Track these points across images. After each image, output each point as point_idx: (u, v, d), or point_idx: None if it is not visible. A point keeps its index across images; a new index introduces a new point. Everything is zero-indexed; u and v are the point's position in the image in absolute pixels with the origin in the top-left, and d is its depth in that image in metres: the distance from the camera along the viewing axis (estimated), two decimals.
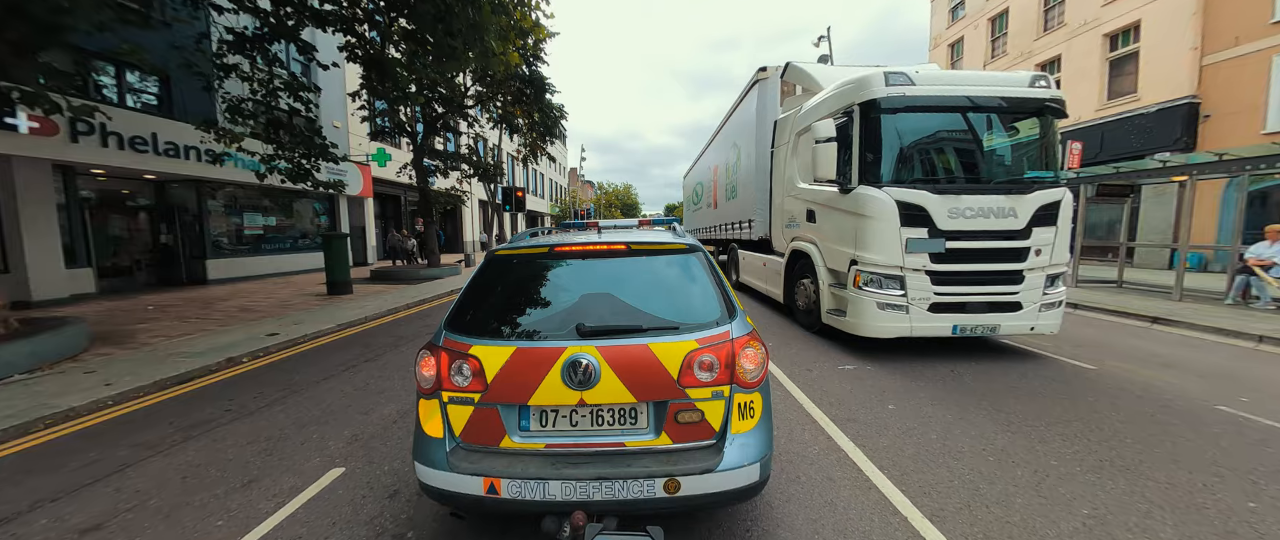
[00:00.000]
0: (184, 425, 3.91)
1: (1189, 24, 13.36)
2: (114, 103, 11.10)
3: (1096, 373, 4.85)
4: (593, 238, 2.58)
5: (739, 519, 2.46)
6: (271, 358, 6.01)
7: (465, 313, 2.29)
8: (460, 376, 2.06)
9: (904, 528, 2.39)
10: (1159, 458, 3.07)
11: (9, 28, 5.18)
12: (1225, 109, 12.76)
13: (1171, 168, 9.05)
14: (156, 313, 8.84)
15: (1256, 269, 7.71)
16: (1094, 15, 16.08)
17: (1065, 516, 2.46)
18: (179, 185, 13.24)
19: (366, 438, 3.56)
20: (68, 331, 5.85)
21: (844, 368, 5.05)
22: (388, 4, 10.34)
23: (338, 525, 2.50)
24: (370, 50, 11.69)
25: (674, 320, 2.16)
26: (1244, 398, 4.13)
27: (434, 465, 1.99)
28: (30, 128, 9.13)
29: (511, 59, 11.16)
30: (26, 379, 4.93)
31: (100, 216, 11.94)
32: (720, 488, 1.91)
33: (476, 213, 31.55)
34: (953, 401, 4.06)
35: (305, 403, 4.36)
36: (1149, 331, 6.86)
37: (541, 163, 36.86)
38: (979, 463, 3.02)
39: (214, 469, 3.16)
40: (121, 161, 10.75)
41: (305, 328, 7.29)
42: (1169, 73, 13.86)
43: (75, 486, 2.98)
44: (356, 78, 13.24)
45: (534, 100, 16.68)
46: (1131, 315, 7.57)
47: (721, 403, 2.03)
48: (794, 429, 3.56)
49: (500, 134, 20.22)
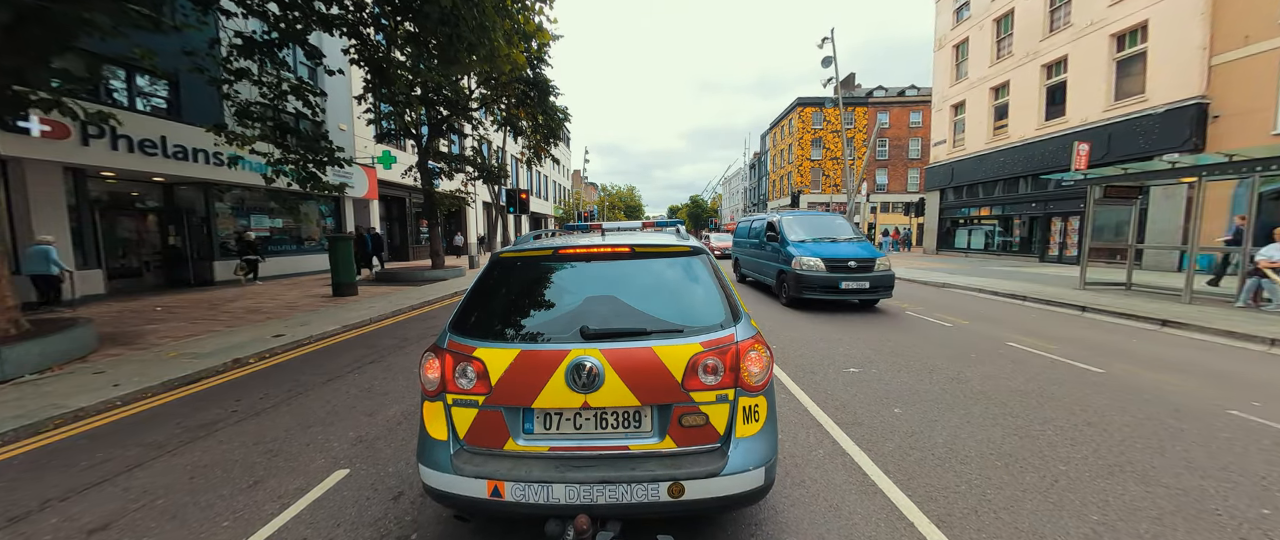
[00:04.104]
0: (191, 426, 3.94)
1: (1197, 23, 13.24)
2: (124, 106, 11.24)
3: (1105, 376, 4.80)
4: (596, 240, 2.58)
5: (744, 523, 2.45)
6: (278, 359, 6.04)
7: (470, 315, 2.30)
8: (465, 379, 2.06)
9: (910, 533, 2.37)
10: (1170, 463, 3.03)
11: (27, 32, 5.25)
12: (1235, 109, 12.62)
13: (1181, 169, 8.95)
14: (164, 314, 8.92)
15: (1268, 271, 7.61)
16: (1101, 15, 15.97)
17: (1074, 523, 2.43)
18: (187, 187, 13.37)
19: (371, 439, 3.57)
20: (77, 332, 5.91)
21: (849, 371, 5.03)
22: (393, 8, 10.42)
23: (342, 527, 2.51)
24: (375, 53, 11.78)
25: (678, 323, 2.15)
26: (1257, 402, 4.07)
27: (438, 467, 1.99)
28: (42, 131, 9.26)
29: (517, 60, 11.20)
30: (36, 379, 4.98)
31: (109, 218, 12.07)
32: (725, 492, 1.90)
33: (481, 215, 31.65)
34: (959, 405, 4.02)
35: (311, 404, 4.38)
36: (1158, 334, 6.78)
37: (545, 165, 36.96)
38: (986, 467, 2.99)
39: (220, 469, 3.18)
40: (131, 164, 10.88)
41: (311, 329, 7.33)
42: (1177, 73, 13.73)
43: (84, 486, 3.00)
44: (362, 81, 13.34)
45: (538, 103, 16.75)
46: (1140, 318, 7.49)
47: (726, 406, 2.02)
48: (799, 432, 3.55)
49: (504, 136, 20.30)
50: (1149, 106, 14.50)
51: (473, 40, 9.09)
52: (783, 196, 49.72)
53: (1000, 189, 21.08)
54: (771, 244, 10.02)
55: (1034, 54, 18.78)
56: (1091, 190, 10.52)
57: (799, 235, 9.48)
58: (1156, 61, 14.41)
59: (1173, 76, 13.86)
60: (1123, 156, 14.49)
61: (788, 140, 51.99)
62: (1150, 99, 14.53)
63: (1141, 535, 2.33)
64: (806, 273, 8.45)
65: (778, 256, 9.58)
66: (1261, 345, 5.91)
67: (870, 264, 8.38)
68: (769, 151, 60.10)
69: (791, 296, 8.88)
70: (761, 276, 11.12)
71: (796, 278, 8.53)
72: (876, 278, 8.31)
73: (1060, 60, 17.74)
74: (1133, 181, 10.08)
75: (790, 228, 9.75)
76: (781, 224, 9.91)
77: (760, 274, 11.21)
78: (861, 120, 46.26)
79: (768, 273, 10.37)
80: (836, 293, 8.22)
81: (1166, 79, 14.07)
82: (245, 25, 10.48)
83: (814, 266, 8.46)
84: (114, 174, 11.48)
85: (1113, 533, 2.35)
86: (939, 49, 24.98)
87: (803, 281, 8.42)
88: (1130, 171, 9.91)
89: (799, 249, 8.96)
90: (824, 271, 8.35)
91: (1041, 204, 18.81)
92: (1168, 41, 14.05)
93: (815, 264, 8.47)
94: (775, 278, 9.73)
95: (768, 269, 10.37)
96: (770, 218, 10.71)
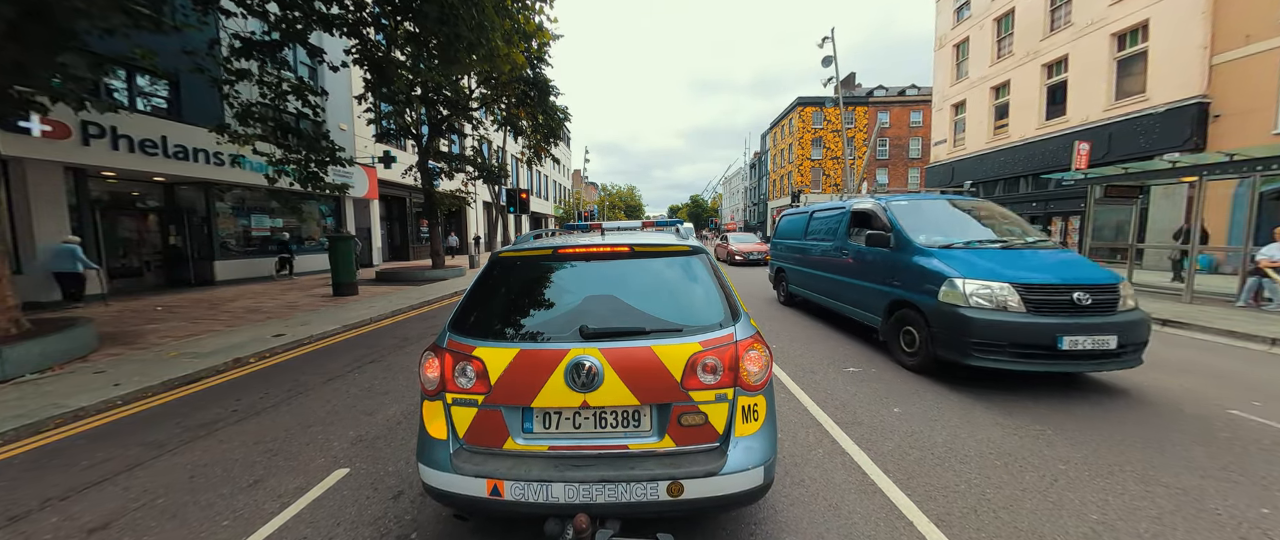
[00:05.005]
0: (191, 425, 3.94)
1: (1198, 23, 13.22)
2: (125, 106, 11.25)
3: (1105, 375, 4.79)
4: (596, 239, 2.58)
5: (743, 523, 2.45)
6: (278, 358, 6.05)
7: (469, 314, 2.30)
8: (464, 378, 2.06)
9: (909, 532, 2.37)
10: (1170, 462, 3.03)
11: (30, 31, 5.26)
12: (1236, 109, 12.61)
13: (1181, 168, 8.94)
14: (165, 313, 8.92)
15: (1269, 270, 7.60)
16: (1101, 15, 15.95)
17: (1074, 522, 2.43)
18: (188, 187, 13.38)
19: (371, 439, 3.58)
20: (77, 332, 5.91)
21: (849, 370, 5.02)
22: (393, 7, 10.42)
23: (342, 526, 2.51)
24: (376, 52, 11.78)
25: (677, 322, 2.15)
26: (1257, 402, 4.07)
27: (438, 466, 1.99)
28: (42, 131, 9.26)
29: (516, 59, 11.20)
30: (37, 379, 4.99)
31: (110, 218, 12.09)
32: (724, 491, 1.90)
33: (481, 215, 31.66)
34: (958, 405, 4.02)
35: (311, 403, 4.38)
36: (1159, 334, 6.78)
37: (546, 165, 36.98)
38: (985, 467, 2.99)
39: (220, 469, 3.19)
40: (132, 164, 10.89)
41: (311, 329, 7.34)
42: (1178, 72, 13.71)
43: (84, 485, 3.01)
44: (362, 81, 13.34)
45: (538, 102, 16.75)
46: None
47: (725, 405, 2.03)
48: (798, 432, 3.55)
49: (504, 136, 20.31)
50: (1149, 106, 14.49)
51: (472, 40, 9.09)
52: (783, 196, 49.70)
53: (1000, 188, 21.06)
54: (873, 251, 5.71)
55: (1034, 53, 18.76)
56: (1092, 190, 10.51)
57: (937, 237, 5.19)
58: (1157, 61, 14.40)
59: (1173, 76, 13.85)
60: (1123, 156, 14.47)
61: (788, 140, 51.97)
62: (1151, 98, 14.52)
63: (1141, 535, 2.33)
64: (987, 315, 4.20)
65: (889, 273, 5.42)
66: (1262, 345, 5.91)
67: (1111, 298, 4.28)
68: (769, 151, 60.08)
69: (943, 352, 4.51)
70: (836, 303, 6.79)
71: (957, 321, 4.31)
72: (1124, 324, 4.14)
73: (1061, 60, 17.72)
74: (1133, 181, 10.07)
75: (914, 220, 5.51)
76: (894, 215, 5.62)
77: (832, 298, 6.92)
78: (862, 120, 46.28)
79: (856, 298, 6.17)
80: (1051, 357, 4.06)
81: (1167, 78, 14.06)
82: (245, 25, 10.48)
83: (1000, 301, 4.23)
84: (114, 174, 11.49)
85: (1112, 532, 2.35)
86: (939, 48, 24.95)
87: (974, 329, 4.19)
88: (1131, 171, 9.91)
89: (952, 263, 4.68)
90: (1023, 314, 4.16)
91: (1042, 203, 18.81)
92: (1168, 41, 14.03)
93: (1003, 296, 4.23)
94: (884, 312, 5.43)
95: (855, 293, 6.17)
96: (860, 204, 6.37)
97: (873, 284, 5.74)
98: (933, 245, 5.05)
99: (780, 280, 9.44)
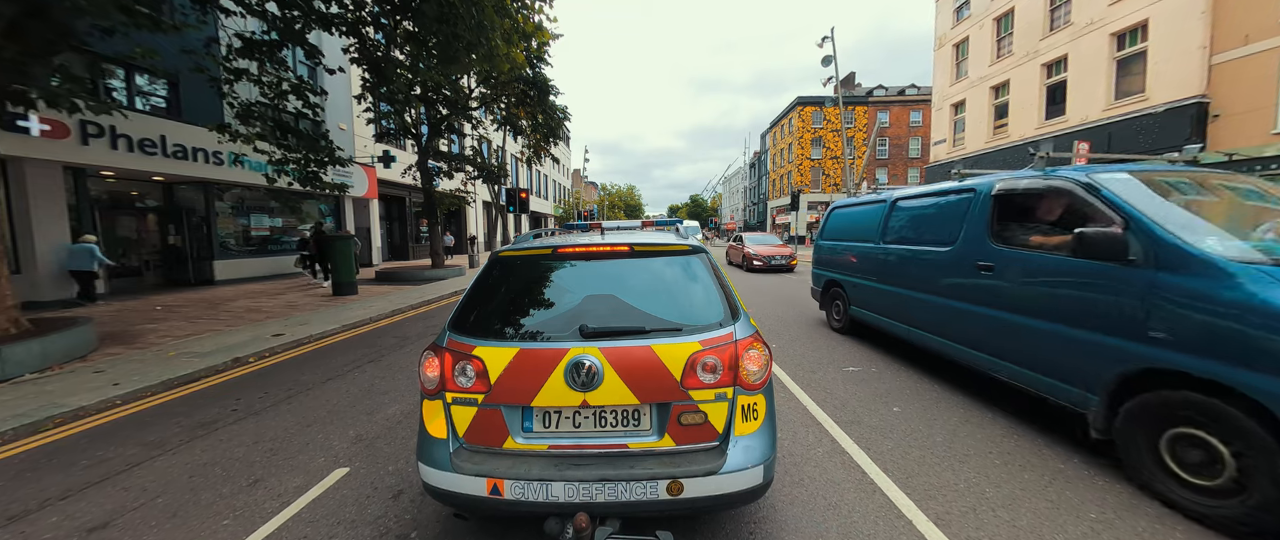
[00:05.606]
0: (191, 425, 3.94)
1: (1197, 23, 13.23)
2: (123, 107, 11.23)
3: None
4: (596, 239, 2.58)
5: (742, 522, 2.45)
6: (277, 358, 6.05)
7: (469, 314, 2.30)
8: (464, 377, 2.06)
9: (909, 531, 2.38)
10: None
11: (29, 30, 5.25)
12: (1235, 109, 12.62)
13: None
14: (164, 313, 8.92)
15: None
16: (1101, 14, 15.95)
17: (1073, 520, 2.43)
18: (187, 187, 13.36)
19: (371, 438, 3.58)
20: (77, 332, 5.91)
21: (848, 369, 5.03)
22: (392, 7, 10.41)
23: (342, 525, 2.51)
24: (375, 52, 11.78)
25: (677, 322, 2.16)
26: None
27: (437, 466, 1.99)
28: (41, 130, 9.25)
29: (516, 59, 11.20)
30: (37, 378, 4.99)
31: (110, 218, 12.09)
32: (723, 490, 1.91)
33: (481, 214, 31.67)
34: (958, 404, 4.03)
35: (310, 403, 4.38)
36: None
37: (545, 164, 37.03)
38: (985, 466, 3.00)
39: (220, 468, 3.19)
40: (131, 164, 10.87)
41: (311, 328, 7.33)
42: (1177, 72, 13.73)
43: (84, 485, 3.01)
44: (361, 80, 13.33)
45: (537, 102, 16.75)
46: None
47: (725, 404, 2.03)
48: (798, 431, 3.55)
49: (504, 136, 20.30)
50: (1149, 106, 14.50)
51: (471, 39, 9.09)
52: (783, 196, 49.71)
53: None
54: (1081, 268, 3.02)
55: (1034, 53, 18.77)
56: None
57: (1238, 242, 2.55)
58: (1156, 61, 14.41)
59: (1173, 76, 13.86)
60: (1123, 156, 14.47)
61: (788, 139, 51.98)
62: (1150, 98, 14.53)
63: (1140, 533, 2.34)
64: None
65: (1132, 310, 2.70)
66: None
67: None
68: (769, 151, 60.08)
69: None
70: (962, 349, 4.11)
71: None
72: None
73: (1060, 59, 17.73)
74: None
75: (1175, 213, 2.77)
76: (1134, 202, 2.87)
77: (956, 341, 4.19)
78: (862, 119, 46.26)
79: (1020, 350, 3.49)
80: None
81: (1166, 78, 14.07)
82: (245, 25, 10.47)
83: None
84: (114, 173, 11.48)
85: (1111, 530, 2.35)
86: (939, 48, 24.95)
87: None
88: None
89: None
90: None
91: None
92: (1168, 41, 14.04)
93: None
94: (1111, 386, 2.80)
95: (1016, 340, 3.51)
96: (1025, 182, 3.65)
97: (1072, 329, 3.08)
98: (1257, 260, 2.40)
99: (833, 298, 6.80)
